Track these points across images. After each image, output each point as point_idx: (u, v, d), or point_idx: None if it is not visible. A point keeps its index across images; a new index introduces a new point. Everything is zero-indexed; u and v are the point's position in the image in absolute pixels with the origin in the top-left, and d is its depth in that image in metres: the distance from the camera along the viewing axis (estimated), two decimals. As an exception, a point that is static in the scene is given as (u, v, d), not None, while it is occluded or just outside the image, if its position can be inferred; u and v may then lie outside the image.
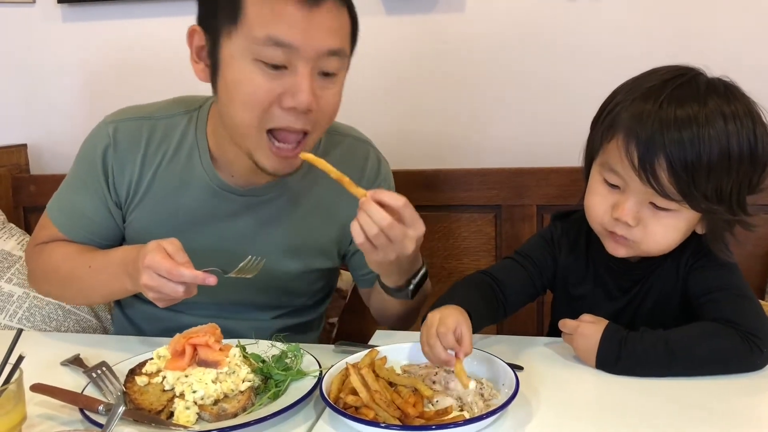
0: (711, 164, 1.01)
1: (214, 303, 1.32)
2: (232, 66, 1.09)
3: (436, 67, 1.92)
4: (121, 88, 2.12)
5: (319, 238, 1.34)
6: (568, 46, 1.85)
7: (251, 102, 1.09)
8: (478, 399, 0.96)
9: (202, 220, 1.27)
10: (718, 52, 1.76)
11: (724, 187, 1.03)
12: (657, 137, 1.01)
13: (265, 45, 1.05)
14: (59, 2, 2.08)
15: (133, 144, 1.27)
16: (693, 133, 1.00)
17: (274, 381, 1.02)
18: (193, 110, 1.30)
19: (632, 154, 1.03)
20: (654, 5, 1.79)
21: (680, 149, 1.00)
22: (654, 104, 1.03)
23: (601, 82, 1.81)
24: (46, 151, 2.20)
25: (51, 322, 1.69)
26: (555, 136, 1.89)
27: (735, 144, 1.02)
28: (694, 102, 1.02)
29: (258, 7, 1.06)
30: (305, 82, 1.07)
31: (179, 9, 2.04)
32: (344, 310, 1.82)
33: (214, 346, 1.02)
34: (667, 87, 1.05)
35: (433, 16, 1.90)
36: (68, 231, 1.31)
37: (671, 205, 1.05)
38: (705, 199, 1.02)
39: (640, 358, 1.05)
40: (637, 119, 1.03)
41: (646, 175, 1.02)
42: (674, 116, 1.01)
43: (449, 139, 1.95)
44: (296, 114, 1.09)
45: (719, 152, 1.01)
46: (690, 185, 1.01)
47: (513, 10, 1.86)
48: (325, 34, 1.07)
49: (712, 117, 1.01)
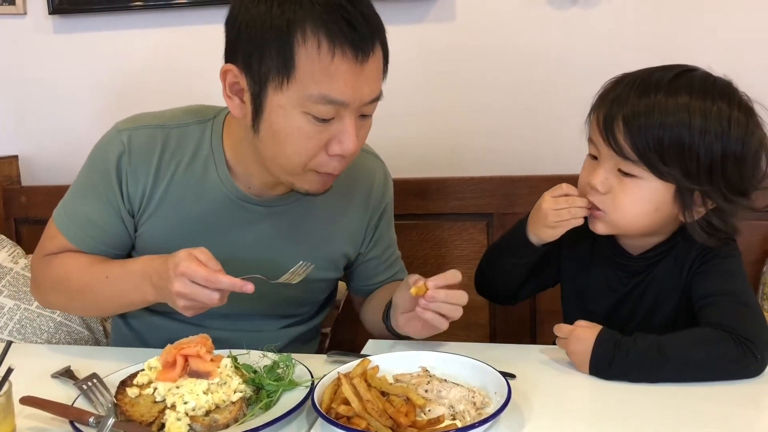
0: (664, 141, 1.07)
1: (223, 314, 1.31)
2: (280, 115, 1.09)
3: (428, 76, 1.93)
4: (114, 99, 2.12)
5: (329, 249, 1.35)
6: (558, 55, 1.86)
7: (301, 151, 1.11)
8: (470, 407, 0.95)
9: (216, 229, 1.27)
10: (708, 60, 1.76)
11: (688, 163, 1.08)
12: (618, 103, 1.12)
13: (317, 103, 1.06)
14: (51, 13, 2.08)
15: (147, 152, 1.25)
16: (650, 109, 1.08)
17: (266, 391, 1.02)
18: (207, 120, 1.28)
19: (600, 118, 1.14)
20: (643, 14, 1.80)
21: (635, 115, 1.09)
22: (625, 80, 1.15)
23: (590, 90, 1.82)
24: (38, 163, 2.19)
25: (42, 334, 1.68)
26: (546, 145, 1.90)
27: (697, 133, 1.07)
28: (659, 85, 1.11)
29: (311, 65, 1.05)
30: (352, 132, 1.10)
31: (173, 19, 2.05)
32: (337, 320, 1.82)
33: (206, 357, 1.01)
34: (645, 71, 1.15)
35: (424, 26, 1.91)
36: (79, 241, 1.28)
37: (635, 170, 1.11)
38: (664, 165, 1.08)
39: (634, 361, 1.05)
40: (610, 91, 1.16)
41: (607, 136, 1.11)
42: (639, 86, 1.11)
43: (441, 147, 1.96)
44: (340, 159, 1.13)
45: (675, 135, 1.07)
46: (646, 149, 1.08)
47: (503, 20, 1.88)
48: (372, 86, 1.10)
49: (673, 103, 1.08)
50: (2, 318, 1.68)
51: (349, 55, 1.04)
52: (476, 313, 1.84)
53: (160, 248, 1.23)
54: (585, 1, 1.82)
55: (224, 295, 1.07)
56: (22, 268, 1.81)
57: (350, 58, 1.05)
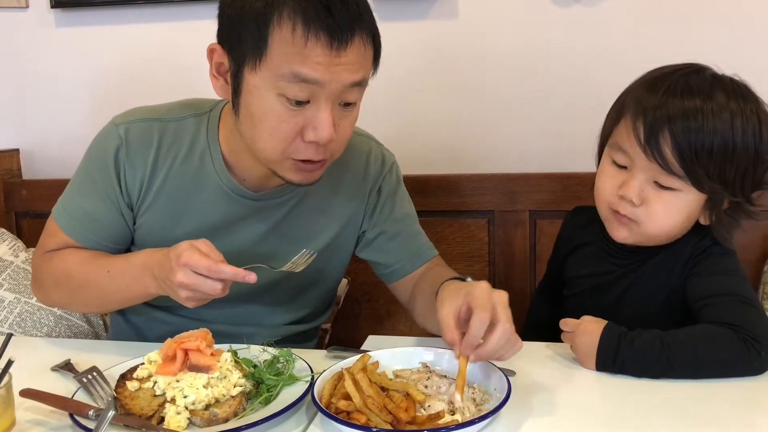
0: (713, 148, 1.07)
1: (225, 304, 1.31)
2: (255, 96, 1.10)
3: (430, 73, 1.93)
4: (115, 93, 2.12)
5: (327, 238, 1.34)
6: (561, 53, 1.86)
7: (275, 134, 1.11)
8: (470, 403, 0.96)
9: (213, 223, 1.27)
10: (714, 56, 1.76)
11: (728, 172, 1.08)
12: (662, 114, 1.08)
13: (290, 81, 1.06)
14: (53, 7, 2.08)
15: (144, 145, 1.25)
16: (698, 117, 1.06)
17: (266, 386, 1.02)
18: (203, 113, 1.29)
19: (639, 130, 1.09)
20: (647, 11, 1.80)
21: (685, 128, 1.06)
22: (661, 87, 1.10)
23: (593, 88, 1.85)
24: (39, 156, 2.19)
25: (42, 327, 1.68)
26: (547, 142, 1.90)
27: (739, 134, 1.07)
28: (700, 90, 1.09)
29: (284, 46, 1.05)
30: (326, 117, 1.08)
31: (174, 14, 2.05)
32: (337, 316, 1.82)
33: (206, 351, 1.02)
34: (674, 75, 1.12)
35: (426, 23, 1.91)
36: (80, 237, 1.28)
37: (675, 184, 1.10)
38: (708, 177, 1.07)
39: (638, 354, 1.05)
40: (645, 99, 1.11)
41: (651, 150, 1.08)
42: (680, 96, 1.08)
43: (442, 144, 1.96)
44: (316, 146, 1.11)
45: (722, 139, 1.07)
46: (693, 162, 1.07)
47: (506, 17, 1.87)
48: (350, 71, 1.07)
49: (717, 106, 1.08)
50: (2, 311, 1.68)
51: (323, 41, 1.04)
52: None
53: (158, 240, 1.24)
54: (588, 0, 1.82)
55: (226, 285, 1.07)
56: (23, 262, 1.81)
57: (324, 44, 1.04)
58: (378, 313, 1.92)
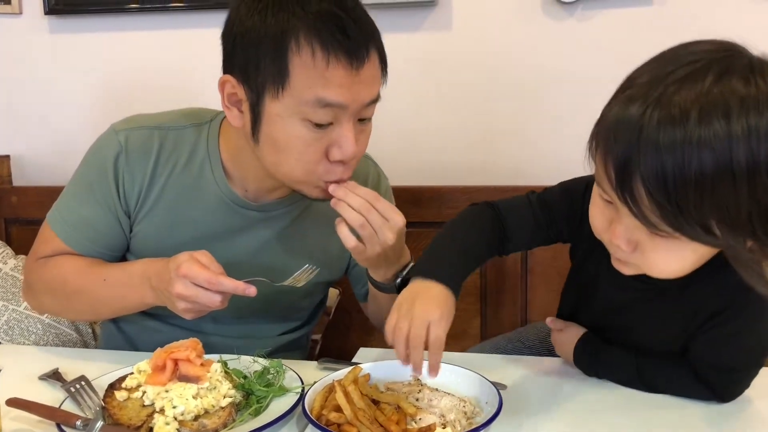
0: (704, 190, 0.78)
1: (217, 318, 1.31)
2: (278, 124, 1.10)
3: (423, 84, 1.93)
4: (108, 100, 2.12)
5: (325, 252, 1.35)
6: (554, 65, 1.87)
7: (302, 158, 1.11)
8: (461, 417, 0.95)
9: (211, 233, 1.27)
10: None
11: (734, 213, 0.79)
12: (633, 155, 0.80)
13: (313, 107, 1.06)
14: (46, 14, 2.07)
15: (144, 153, 1.25)
16: (677, 152, 0.77)
17: (256, 397, 1.01)
18: (204, 123, 1.28)
19: (610, 174, 0.84)
20: (639, 26, 1.81)
21: (659, 172, 0.78)
22: (639, 107, 0.81)
23: (586, 100, 1.85)
24: (29, 163, 2.18)
25: (30, 335, 1.67)
26: (540, 154, 1.91)
27: (743, 164, 0.77)
28: (688, 107, 0.78)
29: (306, 72, 1.05)
30: (350, 135, 1.10)
31: (168, 23, 2.05)
32: (328, 327, 1.81)
33: (196, 362, 1.01)
34: (667, 79, 0.81)
35: (420, 35, 1.91)
36: (75, 243, 1.26)
37: (668, 229, 0.83)
38: (705, 230, 0.80)
39: (609, 372, 1.09)
40: (615, 128, 0.83)
41: (626, 201, 0.83)
42: (657, 126, 0.79)
43: (435, 156, 1.96)
44: (343, 165, 1.13)
45: (715, 170, 0.77)
46: (678, 217, 0.80)
47: (499, 30, 1.88)
48: (369, 90, 1.09)
49: (709, 132, 0.77)
50: (-10, 319, 1.66)
51: (344, 62, 1.05)
52: (467, 323, 1.84)
53: (154, 249, 1.23)
54: (581, 13, 1.83)
55: (225, 298, 1.07)
56: (12, 269, 1.79)
57: (345, 64, 1.05)
58: (369, 324, 1.90)
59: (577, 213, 1.10)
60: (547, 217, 1.14)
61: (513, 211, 1.15)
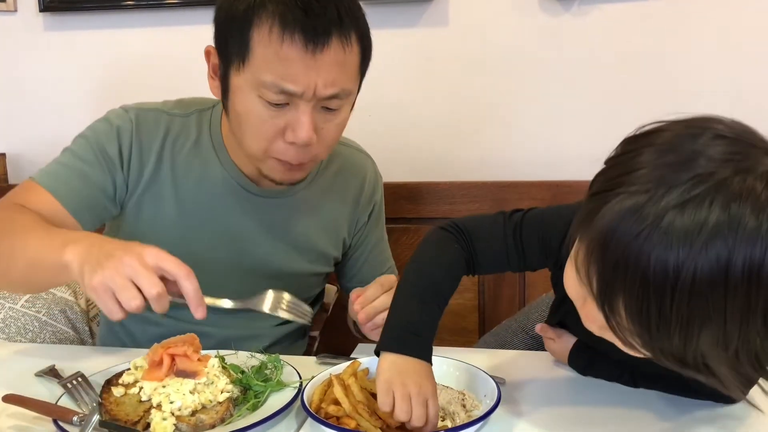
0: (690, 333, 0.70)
1: (215, 310, 1.31)
2: (239, 96, 1.12)
3: (419, 80, 1.93)
4: (103, 97, 2.11)
5: (321, 243, 1.37)
6: (551, 61, 1.87)
7: (257, 134, 1.13)
8: (460, 409, 0.95)
9: (213, 213, 1.27)
10: (704, 63, 1.79)
11: (720, 351, 0.72)
12: (618, 274, 0.71)
13: (268, 89, 1.08)
14: (41, 11, 2.06)
15: (153, 132, 1.25)
16: (666, 291, 0.69)
17: (254, 392, 1.00)
18: (206, 110, 1.30)
19: (591, 280, 0.75)
20: (636, 21, 1.81)
21: (641, 307, 0.71)
22: (636, 223, 0.70)
23: (583, 97, 1.86)
24: (26, 161, 2.17)
25: (26, 333, 1.66)
26: (536, 151, 1.91)
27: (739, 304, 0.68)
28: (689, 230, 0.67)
29: (264, 49, 1.07)
30: (306, 120, 1.10)
31: (164, 19, 2.04)
32: (326, 324, 1.80)
33: (193, 357, 1.00)
34: (668, 196, 0.69)
35: (417, 31, 1.91)
36: (61, 191, 1.17)
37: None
38: (679, 362, 0.74)
39: (606, 378, 1.07)
40: (606, 239, 0.72)
41: (605, 313, 0.75)
42: (635, 263, 0.70)
43: (432, 152, 1.96)
44: (297, 147, 1.13)
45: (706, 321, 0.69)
46: (655, 349, 0.74)
47: (495, 25, 1.88)
48: (326, 80, 1.08)
49: (697, 246, 0.67)
50: (-14, 317, 1.65)
51: (299, 43, 1.05)
52: (466, 319, 1.84)
53: (156, 226, 1.24)
54: (578, 8, 1.82)
55: (163, 299, 0.92)
56: (7, 267, 1.78)
57: (299, 45, 1.05)
58: (367, 321, 1.91)
59: (554, 251, 1.00)
60: (520, 248, 1.04)
61: (483, 236, 1.06)
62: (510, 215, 1.06)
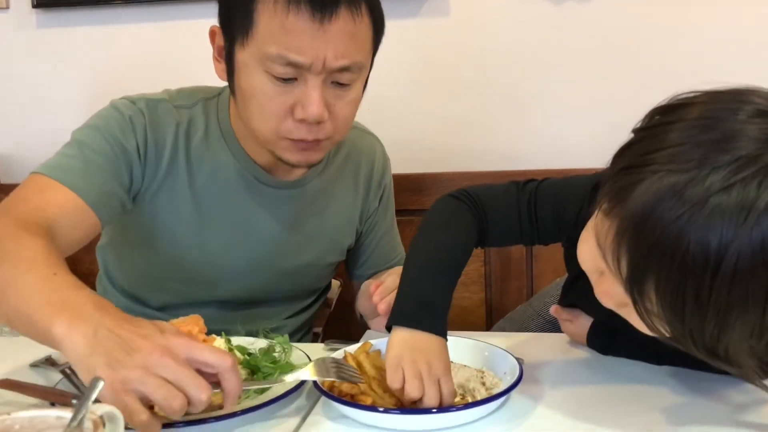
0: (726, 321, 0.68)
1: (222, 303, 1.27)
2: (245, 73, 1.07)
3: (421, 71, 1.90)
4: (98, 96, 2.05)
5: (336, 232, 1.34)
6: (553, 51, 1.84)
7: (265, 112, 1.07)
8: (480, 387, 0.91)
9: (227, 206, 1.22)
10: (710, 50, 1.77)
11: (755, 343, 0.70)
12: (653, 257, 0.68)
13: (274, 62, 1.03)
14: (34, 7, 2.02)
15: (165, 125, 1.18)
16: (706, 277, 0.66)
17: (263, 374, 0.96)
18: (212, 98, 1.23)
19: (621, 265, 0.72)
20: (640, 7, 1.79)
21: (676, 292, 0.68)
22: (677, 206, 0.66)
23: (586, 86, 1.83)
24: (17, 160, 2.12)
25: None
26: (540, 140, 1.88)
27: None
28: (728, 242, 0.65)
29: (269, 20, 1.02)
30: (315, 95, 1.04)
31: (159, 15, 2.01)
32: (329, 319, 1.76)
33: (198, 337, 0.95)
34: (712, 177, 0.66)
35: (417, 21, 1.88)
36: (85, 190, 1.05)
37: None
38: (709, 352, 0.72)
39: (627, 356, 1.03)
40: (641, 220, 0.69)
41: (633, 298, 0.73)
42: (687, 245, 0.66)
43: (435, 143, 1.93)
44: (308, 125, 1.07)
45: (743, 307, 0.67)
46: (686, 337, 0.71)
47: (497, 14, 1.86)
48: (336, 52, 1.03)
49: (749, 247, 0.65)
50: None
51: (305, 12, 1.00)
52: (473, 312, 1.80)
53: (172, 221, 1.19)
54: (580, -5, 1.81)
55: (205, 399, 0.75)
56: (0, 266, 1.73)
57: (306, 14, 1.00)
58: (370, 317, 1.87)
59: (568, 225, 0.97)
60: (533, 219, 1.01)
61: (495, 205, 1.03)
62: (523, 185, 1.03)
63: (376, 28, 1.10)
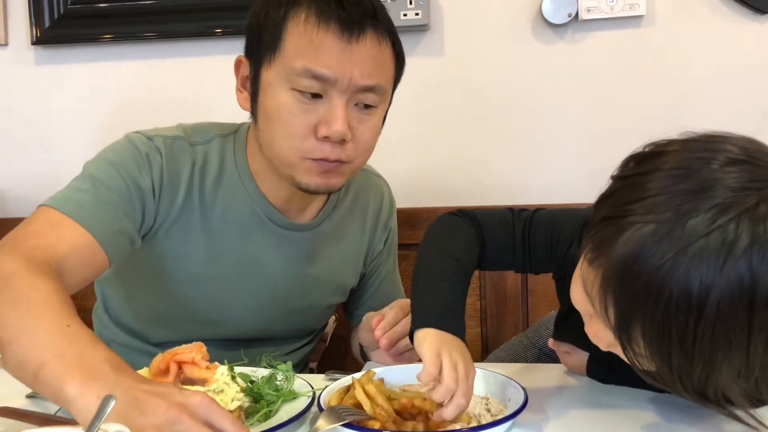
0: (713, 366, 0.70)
1: (226, 339, 1.26)
2: (270, 93, 1.09)
3: (416, 108, 1.93)
4: (93, 132, 2.08)
5: (344, 273, 1.34)
6: (547, 89, 1.89)
7: (289, 130, 1.08)
8: (485, 413, 0.91)
9: (238, 248, 1.21)
10: (705, 88, 1.82)
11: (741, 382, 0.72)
12: (638, 304, 0.71)
13: (301, 76, 1.05)
14: (33, 44, 2.05)
15: (181, 163, 1.16)
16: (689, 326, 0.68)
17: (266, 401, 0.95)
18: (228, 134, 1.23)
19: (609, 313, 0.74)
20: (630, 48, 1.85)
21: (662, 338, 0.70)
22: (658, 254, 0.69)
23: (579, 123, 1.87)
24: (10, 195, 2.12)
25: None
26: (533, 175, 1.91)
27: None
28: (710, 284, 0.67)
29: (297, 38, 1.06)
30: (339, 112, 1.06)
31: (158, 53, 2.04)
32: (324, 354, 1.75)
33: (201, 364, 0.95)
34: (694, 223, 0.68)
35: (413, 60, 1.90)
36: (96, 228, 1.03)
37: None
38: (700, 395, 0.75)
39: (627, 384, 1.02)
40: (624, 268, 0.71)
41: (621, 342, 0.75)
42: (669, 295, 0.69)
43: (430, 178, 1.95)
44: (331, 144, 1.08)
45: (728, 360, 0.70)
46: (675, 381, 0.74)
47: (491, 54, 1.91)
48: (363, 70, 1.06)
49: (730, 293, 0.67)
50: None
51: (335, 30, 1.04)
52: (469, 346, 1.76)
53: (183, 260, 1.18)
54: (571, 36, 1.86)
55: None
56: (-8, 300, 1.71)
57: (335, 33, 1.04)
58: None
59: (559, 256, 1.00)
60: (527, 246, 1.04)
61: (492, 227, 1.06)
62: (518, 213, 1.07)
63: (397, 60, 1.14)
